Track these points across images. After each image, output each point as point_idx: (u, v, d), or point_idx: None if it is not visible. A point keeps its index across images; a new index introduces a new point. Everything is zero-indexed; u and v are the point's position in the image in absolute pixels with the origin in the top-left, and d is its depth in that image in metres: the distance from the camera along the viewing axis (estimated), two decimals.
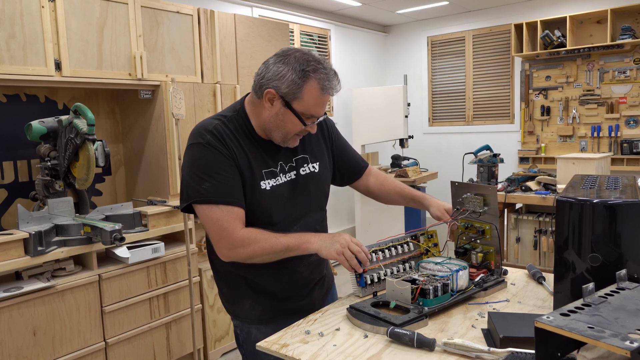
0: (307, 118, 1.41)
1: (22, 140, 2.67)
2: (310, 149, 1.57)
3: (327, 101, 1.43)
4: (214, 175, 1.37)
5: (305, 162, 1.55)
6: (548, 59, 5.35)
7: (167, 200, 2.91)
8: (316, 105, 1.39)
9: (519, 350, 1.06)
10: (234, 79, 3.34)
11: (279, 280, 1.51)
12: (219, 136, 1.40)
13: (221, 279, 1.60)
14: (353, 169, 1.72)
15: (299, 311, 1.49)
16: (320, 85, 1.37)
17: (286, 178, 1.49)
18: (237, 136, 1.43)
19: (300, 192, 1.52)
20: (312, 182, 1.55)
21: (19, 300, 2.17)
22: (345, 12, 5.56)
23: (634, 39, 4.73)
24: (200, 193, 1.36)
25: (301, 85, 1.36)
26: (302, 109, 1.38)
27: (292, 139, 1.45)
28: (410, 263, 1.59)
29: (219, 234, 1.37)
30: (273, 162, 1.48)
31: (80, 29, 2.56)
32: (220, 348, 3.13)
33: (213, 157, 1.38)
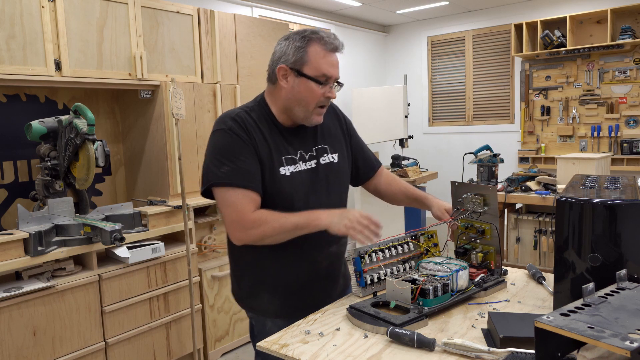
0: (321, 79, 1.43)
1: (22, 140, 2.67)
2: (330, 140, 1.61)
3: (337, 62, 1.46)
4: (233, 159, 1.42)
5: (325, 152, 1.58)
6: (548, 59, 5.35)
7: (167, 200, 2.91)
8: (325, 64, 1.43)
9: (519, 350, 1.06)
10: (234, 79, 3.34)
11: (298, 272, 1.53)
12: (241, 123, 1.45)
13: (240, 272, 1.62)
14: (367, 166, 1.75)
15: (317, 306, 1.47)
16: (322, 43, 1.42)
17: (306, 166, 1.52)
18: (259, 124, 1.48)
19: (321, 181, 1.55)
20: (332, 172, 1.58)
21: (19, 300, 2.17)
22: (345, 12, 5.56)
23: (634, 39, 4.73)
24: (219, 176, 1.41)
25: (305, 48, 1.42)
26: (313, 72, 1.42)
27: (314, 111, 1.47)
28: (410, 263, 1.60)
29: (233, 217, 1.41)
30: (293, 149, 1.51)
31: (80, 29, 2.56)
32: (220, 348, 3.13)
33: (233, 142, 1.43)
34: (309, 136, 1.56)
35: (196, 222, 3.03)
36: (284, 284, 1.54)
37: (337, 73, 1.47)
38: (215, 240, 3.22)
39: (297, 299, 1.54)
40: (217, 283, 3.08)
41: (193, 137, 3.07)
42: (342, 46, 1.48)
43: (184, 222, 2.78)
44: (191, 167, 3.06)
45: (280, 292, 1.54)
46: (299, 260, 1.51)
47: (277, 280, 1.54)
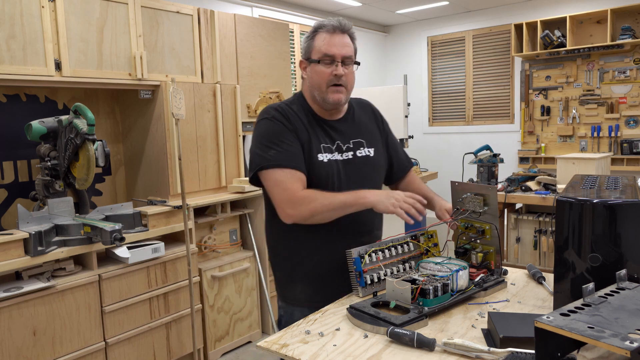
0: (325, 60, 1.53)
1: (22, 140, 2.67)
2: (367, 135, 1.68)
3: (341, 42, 1.54)
4: (278, 143, 1.52)
5: (361, 146, 1.65)
6: (548, 59, 5.35)
7: (167, 200, 2.91)
8: (327, 44, 1.52)
9: (519, 350, 1.06)
10: (234, 79, 3.34)
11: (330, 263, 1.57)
12: (283, 113, 1.57)
13: (278, 263, 1.70)
14: (400, 166, 1.81)
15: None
16: (325, 30, 1.54)
17: (342, 157, 1.60)
18: (299, 115, 1.59)
19: (356, 172, 1.61)
20: (367, 165, 1.64)
21: (19, 300, 2.17)
22: (345, 12, 5.56)
23: (634, 39, 4.73)
24: (267, 159, 1.51)
25: (312, 37, 1.56)
26: (318, 55, 1.54)
27: (328, 90, 1.55)
28: (410, 263, 1.59)
29: (282, 195, 1.48)
30: (330, 140, 1.61)
31: (80, 29, 2.56)
32: (220, 348, 3.13)
33: (277, 128, 1.54)
34: (346, 129, 1.64)
35: (196, 222, 3.03)
36: (316, 274, 1.60)
37: (341, 51, 1.54)
38: (215, 240, 3.22)
39: (328, 289, 1.56)
40: (217, 283, 3.08)
41: (193, 137, 3.07)
42: (348, 26, 1.55)
43: (184, 222, 2.78)
44: (191, 167, 3.06)
45: (313, 281, 1.60)
46: (332, 250, 1.56)
47: (310, 269, 1.60)
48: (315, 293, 1.60)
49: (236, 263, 3.21)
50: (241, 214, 3.35)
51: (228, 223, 3.31)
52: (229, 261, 3.17)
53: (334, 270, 1.57)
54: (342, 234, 1.57)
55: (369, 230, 1.66)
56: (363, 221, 1.62)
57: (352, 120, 1.68)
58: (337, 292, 1.54)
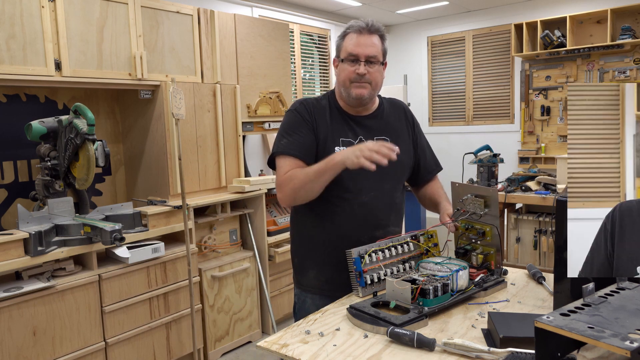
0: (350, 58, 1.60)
1: (22, 140, 2.67)
2: (393, 133, 1.72)
3: (366, 42, 1.60)
4: (292, 133, 1.63)
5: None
6: (548, 59, 5.35)
7: (167, 200, 2.91)
8: (353, 45, 1.60)
9: (519, 350, 1.06)
10: (234, 79, 3.34)
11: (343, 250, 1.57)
12: (307, 106, 1.67)
13: (294, 249, 1.79)
14: (427, 169, 1.83)
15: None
16: (354, 30, 1.61)
17: None
18: (327, 109, 1.68)
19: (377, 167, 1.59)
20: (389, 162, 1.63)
21: (19, 300, 2.17)
22: (345, 12, 5.56)
23: (634, 39, 4.73)
24: (278, 147, 1.64)
25: (343, 37, 1.65)
26: (345, 54, 1.62)
27: (352, 87, 1.62)
28: (410, 263, 1.59)
29: (276, 180, 1.62)
30: (353, 134, 1.66)
31: (80, 29, 2.56)
32: (220, 348, 3.13)
33: (295, 120, 1.65)
34: (372, 125, 1.70)
35: (196, 222, 3.03)
36: (329, 263, 1.65)
37: (365, 51, 1.59)
38: (215, 240, 3.22)
39: (340, 278, 1.59)
40: (217, 283, 3.08)
41: (193, 137, 3.07)
42: (374, 27, 1.61)
43: (184, 222, 2.78)
44: (191, 167, 3.07)
45: (326, 270, 1.66)
46: (345, 241, 1.59)
47: (324, 258, 1.66)
48: (327, 281, 1.67)
49: (236, 263, 3.21)
50: (241, 214, 3.35)
51: (228, 223, 3.31)
52: (229, 261, 3.17)
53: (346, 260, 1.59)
54: (357, 225, 1.63)
55: (385, 224, 1.69)
56: (379, 215, 1.67)
57: (381, 118, 1.73)
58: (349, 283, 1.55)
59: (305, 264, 1.73)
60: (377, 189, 1.66)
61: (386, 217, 1.69)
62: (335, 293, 1.55)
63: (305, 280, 1.73)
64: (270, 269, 3.46)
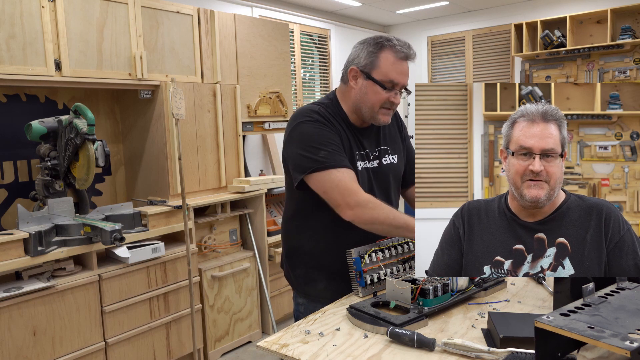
0: (387, 85, 1.51)
1: (22, 140, 2.67)
2: (391, 141, 1.68)
3: (406, 70, 1.55)
4: (327, 144, 1.48)
5: (386, 153, 1.66)
6: (548, 59, 5.35)
7: (167, 200, 2.91)
8: (394, 71, 1.51)
9: (519, 350, 1.06)
10: (234, 79, 3.34)
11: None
12: (324, 116, 1.55)
13: (295, 260, 1.69)
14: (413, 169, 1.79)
15: None
16: (394, 51, 1.51)
17: (370, 165, 1.60)
18: (334, 120, 1.57)
19: (382, 180, 1.62)
20: (392, 173, 1.65)
21: (19, 300, 2.17)
22: (345, 12, 5.56)
23: (634, 39, 4.73)
24: (319, 161, 1.46)
25: (376, 53, 1.50)
26: (380, 77, 1.51)
27: (380, 112, 1.55)
28: (410, 263, 1.59)
29: (344, 193, 1.44)
30: (362, 148, 1.61)
31: (80, 29, 2.56)
32: (220, 348, 3.13)
33: (323, 130, 1.51)
34: (373, 137, 1.64)
35: (196, 222, 3.03)
36: (338, 274, 1.58)
37: (405, 81, 1.55)
38: (215, 240, 3.22)
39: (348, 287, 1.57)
40: (217, 283, 3.08)
41: (193, 137, 3.07)
42: (415, 55, 1.56)
43: (184, 222, 2.78)
44: (191, 167, 3.07)
45: (337, 278, 1.59)
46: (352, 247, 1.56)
47: (334, 266, 1.59)
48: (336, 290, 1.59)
49: (236, 263, 3.21)
50: (241, 214, 3.35)
51: (228, 223, 3.31)
52: (229, 261, 3.17)
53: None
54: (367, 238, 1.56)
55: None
56: None
57: (378, 128, 1.68)
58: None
59: (313, 275, 1.66)
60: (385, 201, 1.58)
61: None
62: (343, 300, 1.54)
63: (314, 291, 1.66)
64: (270, 269, 3.46)
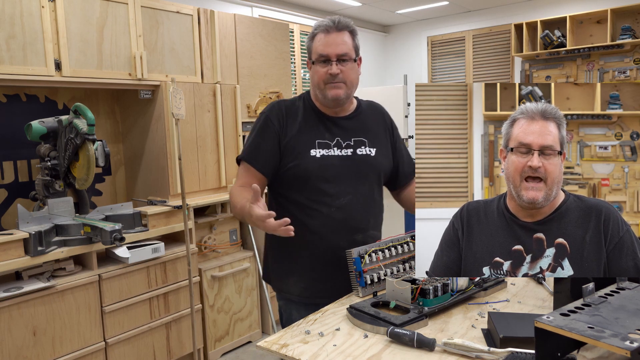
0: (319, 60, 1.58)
1: (22, 140, 2.67)
2: (370, 135, 1.69)
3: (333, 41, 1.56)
4: (254, 136, 1.64)
5: (363, 145, 1.67)
6: (548, 59, 5.35)
7: (167, 200, 2.91)
8: (322, 45, 1.57)
9: (519, 350, 1.06)
10: (234, 79, 3.33)
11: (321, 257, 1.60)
12: (278, 109, 1.65)
13: (270, 255, 1.74)
14: (404, 173, 1.80)
15: (340, 296, 1.51)
16: (320, 30, 1.58)
17: (340, 152, 1.62)
18: (301, 111, 1.65)
19: (353, 169, 1.63)
20: (367, 164, 1.66)
21: (19, 300, 2.17)
22: (345, 12, 5.56)
23: (634, 39, 4.73)
24: (244, 149, 1.65)
25: (312, 39, 1.62)
26: (315, 56, 1.60)
27: (326, 87, 1.59)
28: (410, 263, 1.59)
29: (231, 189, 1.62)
30: (330, 135, 1.63)
31: (80, 29, 2.56)
32: (220, 348, 3.13)
33: (261, 124, 1.64)
34: (349, 127, 1.66)
35: (196, 222, 3.03)
36: (308, 268, 1.62)
37: (336, 50, 1.56)
38: (215, 240, 3.22)
39: (320, 285, 1.59)
40: (217, 283, 3.08)
41: (193, 137, 3.07)
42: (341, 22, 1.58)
43: (184, 222, 2.78)
44: (191, 167, 3.06)
45: (305, 275, 1.63)
46: (323, 245, 1.60)
47: (302, 263, 1.63)
48: (306, 288, 1.63)
49: (236, 263, 3.21)
50: None
51: (228, 223, 3.31)
52: (229, 261, 3.17)
53: (326, 266, 1.60)
54: (335, 229, 1.60)
55: (364, 228, 1.65)
56: (357, 218, 1.63)
57: (357, 119, 1.69)
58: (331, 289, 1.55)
59: (283, 270, 1.69)
60: (353, 192, 1.62)
61: (364, 220, 1.66)
62: (316, 300, 1.55)
63: (286, 287, 1.68)
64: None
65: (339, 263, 1.57)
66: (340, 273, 1.58)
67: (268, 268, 1.77)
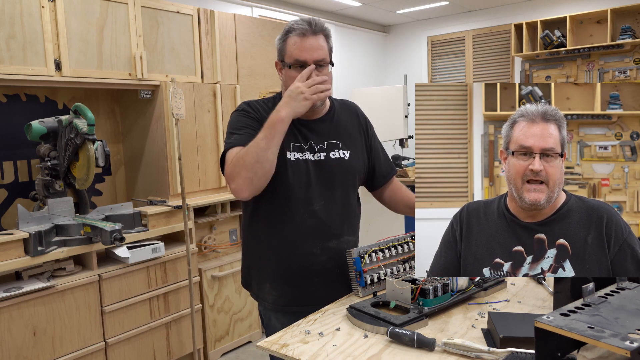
0: (295, 65, 1.50)
1: (22, 140, 2.67)
2: (344, 137, 1.63)
3: (310, 46, 1.49)
4: (240, 129, 1.53)
5: (336, 148, 1.61)
6: (548, 59, 5.35)
7: (167, 200, 2.91)
8: (297, 50, 1.49)
9: (519, 350, 1.06)
10: (234, 79, 3.33)
11: (294, 264, 1.56)
12: (253, 107, 1.58)
13: (247, 261, 1.70)
14: (382, 173, 1.75)
15: (315, 303, 1.47)
16: (295, 33, 1.50)
17: (314, 157, 1.57)
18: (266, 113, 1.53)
19: (327, 173, 1.57)
20: (340, 168, 1.61)
21: (19, 300, 2.17)
22: (345, 12, 5.56)
23: (634, 39, 4.73)
24: (228, 143, 1.51)
25: (285, 41, 1.53)
26: (290, 60, 1.51)
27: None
28: (410, 263, 1.59)
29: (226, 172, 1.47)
30: (303, 139, 1.57)
31: (80, 29, 2.56)
32: (220, 348, 3.13)
33: (241, 117, 1.56)
34: (322, 130, 1.60)
35: (196, 222, 3.03)
36: (280, 274, 1.58)
37: (313, 56, 1.49)
38: (215, 240, 3.21)
39: (293, 292, 1.57)
40: (217, 283, 3.08)
41: (193, 137, 3.07)
42: (318, 26, 1.50)
43: (184, 222, 2.78)
44: (191, 167, 3.06)
45: (278, 282, 1.58)
46: (295, 252, 1.56)
47: (275, 269, 1.58)
48: (280, 296, 1.59)
49: (236, 263, 3.21)
50: (241, 214, 3.34)
51: (228, 223, 3.31)
52: (229, 261, 3.17)
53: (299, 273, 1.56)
54: (308, 235, 1.55)
55: (338, 234, 1.60)
56: (331, 224, 1.58)
57: (331, 121, 1.63)
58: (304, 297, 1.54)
59: (258, 277, 1.64)
60: (327, 197, 1.56)
61: (339, 226, 1.60)
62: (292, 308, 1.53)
63: (262, 294, 1.64)
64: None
65: (311, 271, 1.55)
66: (316, 280, 1.56)
67: (245, 274, 1.73)
